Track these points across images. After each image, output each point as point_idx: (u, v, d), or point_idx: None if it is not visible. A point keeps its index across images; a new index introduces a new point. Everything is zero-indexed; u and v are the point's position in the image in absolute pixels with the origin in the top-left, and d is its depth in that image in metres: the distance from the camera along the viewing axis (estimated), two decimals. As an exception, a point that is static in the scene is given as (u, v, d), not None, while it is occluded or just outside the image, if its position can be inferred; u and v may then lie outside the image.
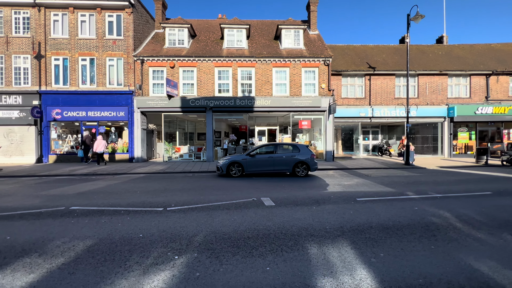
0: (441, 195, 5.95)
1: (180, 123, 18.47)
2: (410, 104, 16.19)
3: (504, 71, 16.08)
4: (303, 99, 14.22)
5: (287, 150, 9.47)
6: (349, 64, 16.70)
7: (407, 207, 4.92)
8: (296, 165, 9.08)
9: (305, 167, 9.11)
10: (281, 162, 9.08)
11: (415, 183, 7.53)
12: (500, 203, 5.20)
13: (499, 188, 6.64)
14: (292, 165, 9.05)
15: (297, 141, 16.33)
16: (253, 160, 9.02)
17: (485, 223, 4.06)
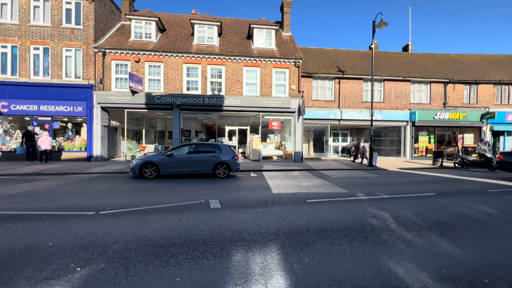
0: (389, 196, 6.10)
1: (149, 121, 17.66)
2: (376, 108, 16.89)
3: (459, 80, 17.30)
4: (273, 100, 14.19)
5: (208, 150, 9.05)
6: (320, 67, 17.01)
7: (352, 209, 4.94)
8: (217, 166, 8.81)
9: (225, 168, 8.88)
10: (201, 162, 8.70)
11: (370, 184, 7.72)
12: (438, 203, 5.42)
13: (443, 189, 6.99)
14: (212, 166, 8.74)
15: (268, 142, 16.31)
16: (170, 161, 8.47)
17: (419, 224, 4.16)
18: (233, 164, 9.03)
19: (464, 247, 3.31)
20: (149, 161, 8.40)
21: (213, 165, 8.78)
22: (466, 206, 5.27)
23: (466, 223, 4.21)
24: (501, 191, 6.84)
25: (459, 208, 5.10)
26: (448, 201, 5.64)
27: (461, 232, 3.84)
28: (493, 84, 17.62)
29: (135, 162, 8.45)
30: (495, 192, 6.70)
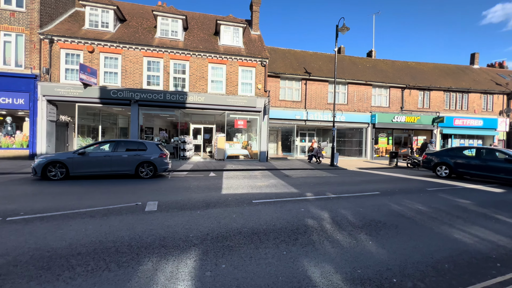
0: (336, 195, 6.21)
1: (109, 117, 16.48)
2: (340, 110, 17.50)
3: (415, 86, 18.59)
4: (238, 98, 13.98)
5: (131, 148, 8.39)
6: (288, 68, 17.18)
7: (294, 209, 4.90)
8: (141, 165, 8.17)
9: (151, 168, 8.28)
10: (121, 161, 7.97)
11: (324, 184, 7.85)
12: (379, 202, 5.62)
13: (388, 188, 7.32)
14: (135, 165, 8.08)
15: (235, 141, 16.08)
16: (83, 160, 7.60)
17: (353, 223, 4.21)
18: (159, 163, 8.39)
19: (387, 245, 3.37)
20: (55, 160, 7.35)
21: (135, 165, 8.08)
22: (403, 204, 5.51)
23: (397, 221, 4.36)
24: (439, 190, 7.35)
25: (396, 206, 5.32)
26: (389, 200, 5.87)
27: (389, 230, 3.94)
28: (443, 91, 19.21)
29: (37, 161, 7.32)
30: (433, 191, 7.17)
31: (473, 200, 6.15)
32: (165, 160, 8.66)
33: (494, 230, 4.10)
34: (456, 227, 4.21)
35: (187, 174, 9.46)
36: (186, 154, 13.89)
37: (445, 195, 6.59)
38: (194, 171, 10.35)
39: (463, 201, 6.01)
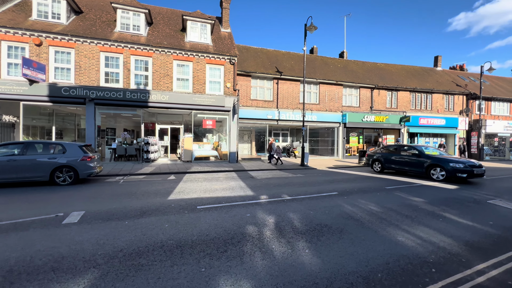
0: (292, 197, 5.92)
1: (66, 118, 15.18)
2: (312, 110, 17.53)
3: (383, 86, 19.12)
4: (206, 97, 13.42)
5: (46, 150, 7.29)
6: (259, 67, 16.89)
7: (240, 215, 4.51)
8: (58, 170, 7.09)
9: (71, 174, 7.22)
10: (30, 167, 6.80)
11: (285, 185, 7.57)
12: (332, 203, 5.40)
13: (348, 188, 7.20)
14: (49, 171, 6.96)
15: (204, 142, 15.47)
16: None
17: (297, 228, 3.90)
18: (82, 167, 7.33)
19: (324, 253, 3.08)
20: None
21: (50, 170, 6.97)
22: (356, 205, 5.33)
23: (344, 224, 4.12)
24: (397, 188, 7.35)
25: (348, 207, 5.12)
26: (344, 200, 5.68)
27: (332, 235, 3.67)
28: (409, 92, 19.96)
29: None
30: (391, 189, 7.15)
31: (426, 197, 6.15)
32: (90, 163, 7.54)
33: (438, 230, 3.98)
34: (403, 228, 4.05)
35: (143, 178, 8.76)
36: (151, 156, 13.07)
37: (401, 194, 6.55)
38: (154, 174, 9.66)
39: (417, 199, 5.98)
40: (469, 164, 8.49)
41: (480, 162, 9.30)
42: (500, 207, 5.45)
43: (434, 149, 10.61)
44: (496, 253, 3.22)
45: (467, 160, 8.83)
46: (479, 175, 8.51)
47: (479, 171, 8.41)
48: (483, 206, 5.44)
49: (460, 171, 8.36)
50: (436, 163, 8.94)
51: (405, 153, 10.33)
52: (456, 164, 8.52)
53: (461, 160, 8.73)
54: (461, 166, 8.43)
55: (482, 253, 3.22)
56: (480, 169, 8.46)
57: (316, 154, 20.40)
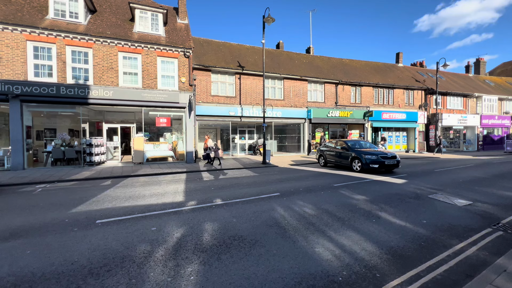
0: (224, 202, 5.25)
1: None
2: (275, 105, 17.09)
3: (347, 82, 19.20)
4: (157, 93, 12.32)
5: None
6: (220, 61, 16.05)
7: (142, 229, 3.74)
8: None
9: None
10: None
11: (231, 186, 6.91)
12: (266, 207, 4.82)
13: (293, 187, 6.71)
14: None
15: (161, 141, 14.34)
16: None
17: (202, 244, 3.23)
18: None
19: (212, 280, 2.43)
20: None
21: None
22: (290, 207, 4.81)
23: (262, 235, 3.53)
24: (345, 185, 7.01)
25: (280, 212, 4.56)
26: (280, 203, 5.14)
27: (240, 251, 3.05)
28: (372, 87, 20.31)
29: None
30: (338, 187, 6.78)
31: (370, 195, 5.82)
32: None
33: (366, 235, 3.54)
34: (328, 235, 3.54)
35: (71, 185, 7.61)
36: (95, 159, 11.73)
37: (347, 191, 6.19)
38: (88, 180, 8.52)
39: (359, 197, 5.62)
40: (381, 156, 9.15)
41: (396, 154, 9.66)
42: (439, 202, 5.24)
43: (370, 143, 11.31)
44: (417, 262, 2.80)
45: (381, 152, 9.57)
46: (391, 166, 9.16)
47: (391, 162, 9.08)
48: (422, 202, 5.19)
49: (372, 162, 9.05)
50: (356, 155, 9.65)
51: (340, 147, 10.91)
52: (370, 156, 9.22)
53: (375, 153, 9.44)
54: (374, 158, 9.10)
55: (402, 263, 2.78)
56: (392, 160, 9.13)
57: (284, 150, 20.09)
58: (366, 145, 10.94)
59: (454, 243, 3.30)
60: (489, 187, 6.76)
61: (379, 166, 8.99)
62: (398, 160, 9.33)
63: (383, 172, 9.28)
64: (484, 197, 5.64)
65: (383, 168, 9.09)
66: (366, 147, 10.75)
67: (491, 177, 8.25)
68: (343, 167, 10.61)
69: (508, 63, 31.97)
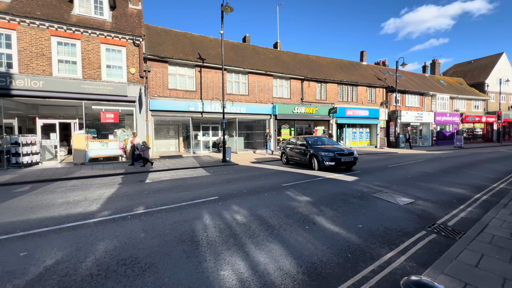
0: (147, 210, 4.50)
1: None
2: (241, 101, 16.44)
3: (313, 78, 19.14)
4: (101, 85, 10.98)
5: None
6: (178, 52, 14.92)
7: (9, 254, 2.86)
8: None
9: None
10: None
11: (169, 190, 6.13)
12: (191, 216, 4.17)
13: (237, 189, 6.15)
14: None
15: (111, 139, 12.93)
16: None
17: (80, 273, 2.47)
18: None
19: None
20: None
21: None
22: (221, 215, 4.21)
23: (164, 255, 2.86)
24: (294, 184, 6.61)
25: (206, 221, 3.94)
26: (213, 209, 4.52)
27: (121, 281, 2.35)
28: (337, 84, 20.54)
29: None
30: (287, 186, 6.35)
31: (315, 195, 5.44)
32: None
33: (290, 248, 3.05)
34: (246, 250, 2.99)
35: (-27, 193, 6.24)
36: (24, 159, 10.11)
37: (292, 192, 5.76)
38: (3, 185, 7.15)
39: (303, 198, 5.21)
40: (337, 153, 8.69)
41: (353, 150, 9.22)
42: (382, 201, 5.01)
43: (332, 140, 10.95)
44: (334, 284, 2.34)
45: (338, 149, 9.01)
46: (349, 163, 8.81)
47: (347, 159, 8.70)
48: (365, 202, 4.91)
49: (329, 159, 8.60)
50: (314, 153, 9.20)
51: (300, 144, 10.54)
52: (327, 153, 8.75)
53: (333, 150, 8.93)
54: (331, 155, 8.64)
55: (317, 286, 2.30)
56: (349, 157, 8.74)
57: (251, 147, 19.57)
58: (328, 142, 10.47)
59: (383, 253, 2.93)
60: (434, 182, 6.80)
61: (336, 164, 8.57)
62: (356, 157, 8.96)
63: (343, 170, 9.08)
64: (426, 194, 5.55)
65: (341, 165, 8.71)
66: (327, 143, 10.29)
67: (437, 172, 8.46)
68: (304, 165, 10.19)
69: (459, 64, 34.70)
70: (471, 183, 6.76)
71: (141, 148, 10.21)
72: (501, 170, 9.00)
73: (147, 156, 10.22)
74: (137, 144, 10.31)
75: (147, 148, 10.22)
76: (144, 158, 10.17)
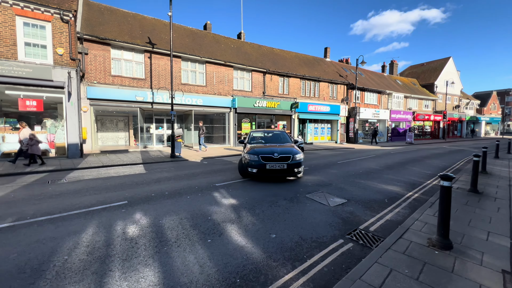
0: (19, 222, 3.51)
1: None
2: (198, 92, 15.38)
3: (275, 71, 18.68)
4: (16, 65, 9.17)
5: None
6: (123, 34, 13.29)
7: None
8: None
9: None
10: None
11: (77, 192, 5.10)
12: (71, 230, 3.30)
13: (160, 190, 5.35)
14: None
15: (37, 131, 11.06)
16: None
17: None
18: None
19: None
20: None
21: None
22: (111, 227, 3.40)
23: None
24: (229, 184, 5.99)
25: (84, 236, 3.12)
26: (108, 218, 3.69)
27: None
28: (300, 79, 20.39)
29: None
30: (219, 186, 5.71)
31: (245, 197, 4.87)
32: None
33: (166, 275, 2.38)
34: (103, 281, 2.24)
35: None
36: None
37: (222, 193, 5.12)
38: None
39: (229, 201, 4.60)
40: (263, 156, 6.14)
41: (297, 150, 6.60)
42: (313, 202, 4.61)
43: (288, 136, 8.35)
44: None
45: (270, 150, 6.36)
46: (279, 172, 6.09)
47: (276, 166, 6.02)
48: (294, 205, 4.46)
49: (251, 165, 6.20)
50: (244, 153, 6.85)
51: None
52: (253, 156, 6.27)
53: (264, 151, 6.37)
54: (255, 159, 6.17)
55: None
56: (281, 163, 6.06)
57: (210, 142, 18.64)
58: (282, 138, 8.02)
59: (281, 274, 2.41)
60: (374, 179, 6.70)
61: (258, 172, 6.07)
62: (297, 162, 6.19)
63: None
64: (362, 193, 5.32)
65: (266, 174, 6.07)
66: (273, 142, 7.80)
67: (382, 168, 8.51)
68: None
69: (413, 66, 37.17)
70: (409, 180, 6.79)
71: (27, 142, 8.23)
72: (439, 166, 9.41)
73: (36, 152, 8.30)
74: (24, 138, 8.29)
75: (37, 142, 8.37)
76: (32, 154, 8.27)
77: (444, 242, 2.95)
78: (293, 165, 6.15)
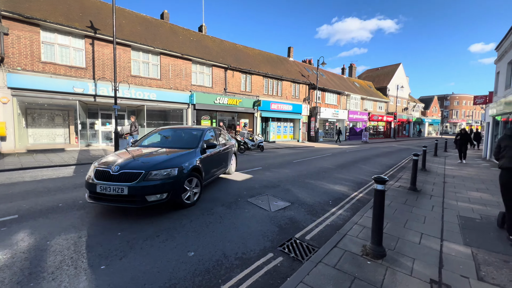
0: None
1: None
2: (150, 85, 14.12)
3: (237, 68, 18.12)
4: None
5: None
6: (57, 14, 11.47)
7: None
8: None
9: None
10: None
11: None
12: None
13: (66, 200, 4.45)
14: None
15: None
16: None
17: None
18: None
19: None
20: None
21: None
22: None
23: None
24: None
25: None
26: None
27: None
28: (262, 76, 20.15)
29: None
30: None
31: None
32: None
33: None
34: None
35: None
36: None
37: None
38: None
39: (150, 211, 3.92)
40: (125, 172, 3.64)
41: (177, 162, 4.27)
42: (253, 208, 4.18)
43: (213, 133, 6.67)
44: None
45: (122, 160, 3.93)
46: (116, 198, 3.52)
47: (104, 189, 3.51)
48: (230, 212, 3.98)
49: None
50: None
51: None
52: None
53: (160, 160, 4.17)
54: None
55: None
56: (119, 186, 3.48)
57: (167, 140, 17.30)
58: (189, 139, 5.20)
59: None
60: (324, 179, 6.59)
61: (89, 195, 3.74)
62: (158, 184, 3.59)
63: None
64: (308, 195, 5.08)
65: (97, 201, 3.64)
66: (178, 143, 5.12)
67: (334, 167, 8.55)
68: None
69: (370, 70, 39.80)
70: (357, 179, 6.82)
71: None
72: (387, 164, 9.85)
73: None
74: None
75: None
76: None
77: (377, 250, 2.72)
78: (144, 188, 3.49)
